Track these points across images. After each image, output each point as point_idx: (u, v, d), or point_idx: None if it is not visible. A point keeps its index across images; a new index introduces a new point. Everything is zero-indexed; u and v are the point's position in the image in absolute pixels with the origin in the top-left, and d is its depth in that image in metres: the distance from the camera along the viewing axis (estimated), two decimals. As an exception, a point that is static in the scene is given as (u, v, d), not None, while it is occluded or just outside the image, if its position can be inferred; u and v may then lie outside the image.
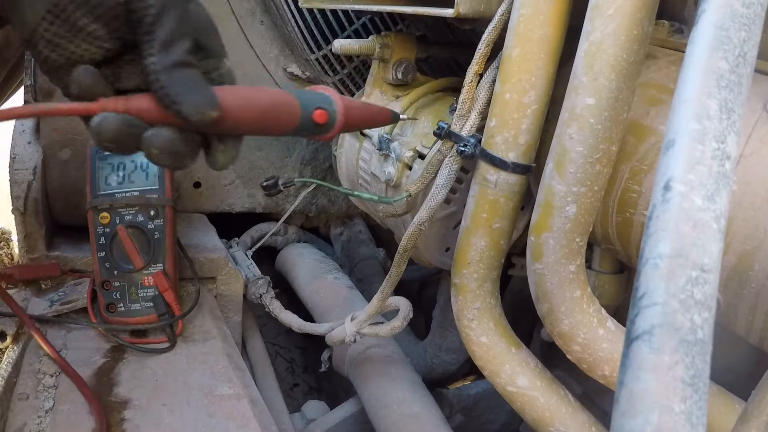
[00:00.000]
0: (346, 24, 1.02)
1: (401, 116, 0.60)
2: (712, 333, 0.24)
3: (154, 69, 0.42)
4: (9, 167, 0.89)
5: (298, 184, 0.67)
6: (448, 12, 0.64)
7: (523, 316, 1.01)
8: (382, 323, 0.78)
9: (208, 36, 0.46)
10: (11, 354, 0.73)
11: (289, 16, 1.03)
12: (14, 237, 1.66)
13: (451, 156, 0.68)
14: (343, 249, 1.27)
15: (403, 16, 1.00)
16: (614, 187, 0.59)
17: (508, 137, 0.62)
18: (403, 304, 0.77)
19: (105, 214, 0.80)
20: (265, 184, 0.77)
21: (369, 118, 0.55)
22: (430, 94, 0.86)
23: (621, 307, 0.75)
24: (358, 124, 0.54)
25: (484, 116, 0.66)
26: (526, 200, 0.68)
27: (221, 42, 0.48)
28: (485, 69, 0.66)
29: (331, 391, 1.19)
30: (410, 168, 0.77)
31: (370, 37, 0.86)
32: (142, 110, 0.43)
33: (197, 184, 1.12)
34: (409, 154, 0.77)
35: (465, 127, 0.67)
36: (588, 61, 0.52)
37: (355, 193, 0.71)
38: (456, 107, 0.68)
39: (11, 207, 0.89)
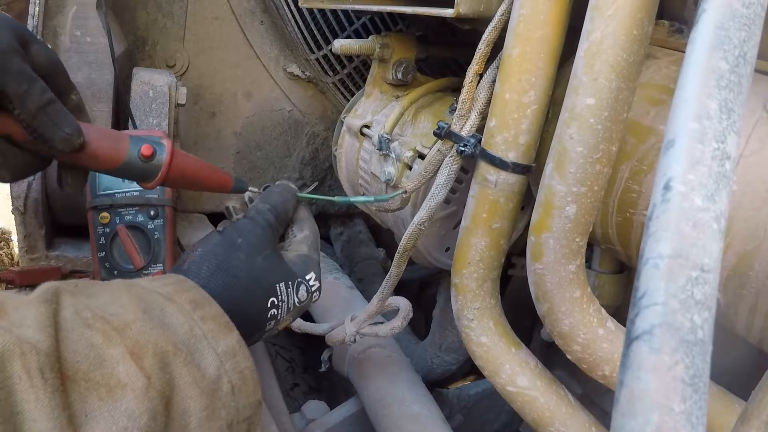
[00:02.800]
0: (346, 24, 1.02)
1: (250, 188, 0.61)
2: (712, 333, 0.24)
3: (22, 118, 0.48)
4: (9, 167, 0.89)
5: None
6: (448, 12, 0.64)
7: (523, 316, 1.01)
8: (382, 323, 0.78)
9: (50, 77, 0.51)
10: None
11: (289, 16, 1.03)
12: (14, 237, 1.66)
13: (451, 156, 0.68)
14: (343, 249, 1.27)
15: (403, 16, 1.00)
16: (614, 187, 0.59)
17: (508, 137, 0.62)
18: (403, 304, 0.77)
19: (105, 214, 0.80)
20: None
21: (205, 173, 0.58)
22: (430, 94, 0.86)
23: (621, 307, 0.75)
24: (191, 174, 0.57)
25: (484, 116, 0.66)
26: (526, 200, 0.68)
27: (68, 78, 0.54)
28: (485, 69, 0.66)
29: (331, 391, 1.19)
30: (410, 168, 0.77)
31: (370, 37, 0.86)
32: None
33: (197, 184, 1.12)
34: (409, 154, 0.77)
35: (465, 127, 0.67)
36: (588, 61, 0.52)
37: (351, 200, 0.72)
38: (456, 107, 0.68)
39: (11, 207, 0.89)
